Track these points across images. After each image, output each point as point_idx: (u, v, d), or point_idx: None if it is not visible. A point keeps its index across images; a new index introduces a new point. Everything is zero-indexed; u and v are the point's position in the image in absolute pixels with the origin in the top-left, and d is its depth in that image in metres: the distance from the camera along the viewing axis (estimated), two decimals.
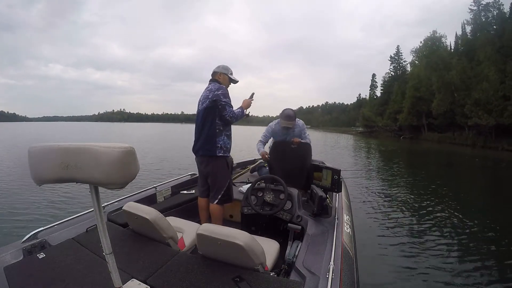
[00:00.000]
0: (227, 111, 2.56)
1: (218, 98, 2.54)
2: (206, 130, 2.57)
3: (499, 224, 4.91)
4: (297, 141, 3.30)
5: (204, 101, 2.60)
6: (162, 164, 10.63)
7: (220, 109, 2.55)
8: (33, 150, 0.92)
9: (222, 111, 2.55)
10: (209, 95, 2.58)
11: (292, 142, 3.31)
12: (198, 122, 2.67)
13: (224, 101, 2.55)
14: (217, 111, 2.56)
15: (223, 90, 2.60)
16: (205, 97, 2.63)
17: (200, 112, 2.65)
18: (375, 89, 61.37)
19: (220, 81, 2.73)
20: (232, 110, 2.61)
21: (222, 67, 2.79)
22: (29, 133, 36.18)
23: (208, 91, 2.64)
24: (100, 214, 0.97)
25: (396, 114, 41.35)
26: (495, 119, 23.41)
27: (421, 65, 35.13)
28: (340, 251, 1.67)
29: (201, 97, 2.71)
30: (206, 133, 2.57)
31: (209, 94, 2.59)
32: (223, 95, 2.57)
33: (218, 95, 2.54)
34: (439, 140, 30.91)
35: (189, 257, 1.65)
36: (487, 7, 30.34)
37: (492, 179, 10.79)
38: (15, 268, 1.46)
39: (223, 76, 2.77)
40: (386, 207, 5.97)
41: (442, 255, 3.72)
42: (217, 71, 2.78)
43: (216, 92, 2.56)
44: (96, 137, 30.16)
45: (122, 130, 55.41)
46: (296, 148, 3.28)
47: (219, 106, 2.54)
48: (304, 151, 3.33)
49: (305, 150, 3.35)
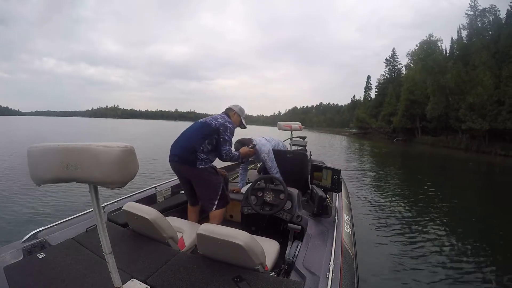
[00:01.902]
0: (226, 148, 2.49)
1: (225, 129, 2.48)
2: (193, 141, 2.43)
3: (497, 227, 5.04)
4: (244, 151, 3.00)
5: (211, 119, 2.54)
6: (162, 164, 10.47)
7: (221, 142, 2.48)
8: (32, 150, 0.92)
9: (222, 144, 2.48)
10: (219, 119, 2.54)
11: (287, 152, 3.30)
12: (191, 130, 2.57)
13: (228, 136, 2.50)
14: (214, 139, 2.47)
15: (232, 126, 2.57)
16: (214, 118, 2.56)
17: (201, 123, 2.56)
18: (370, 91, 61.50)
19: (232, 120, 2.68)
20: (231, 150, 2.55)
21: (239, 109, 2.78)
22: (24, 128, 35.64)
23: (220, 116, 2.60)
24: (99, 214, 0.98)
25: (390, 116, 41.53)
26: (489, 124, 23.63)
27: (416, 68, 35.33)
28: (340, 251, 1.68)
29: (210, 117, 2.64)
30: (192, 145, 2.41)
31: (220, 118, 2.55)
32: (230, 130, 2.52)
33: (226, 127, 2.49)
34: (433, 143, 31.17)
35: (189, 257, 1.65)
36: (484, 12, 30.66)
37: (487, 183, 10.93)
38: (15, 268, 1.45)
39: (236, 116, 2.75)
40: (385, 207, 6.05)
41: (442, 255, 3.80)
42: (234, 109, 2.76)
43: (226, 124, 2.51)
44: (95, 133, 30.04)
45: (119, 126, 55.01)
46: (292, 157, 3.29)
47: (221, 138, 2.47)
48: (300, 160, 3.34)
49: (301, 159, 3.35)
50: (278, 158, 3.24)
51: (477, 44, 27.75)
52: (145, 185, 3.19)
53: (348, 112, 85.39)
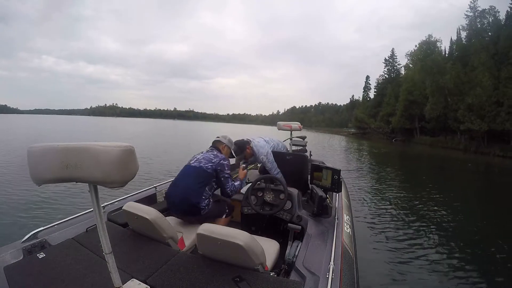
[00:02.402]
0: (229, 185, 2.45)
1: (222, 169, 2.41)
2: (193, 194, 2.26)
3: (496, 228, 5.07)
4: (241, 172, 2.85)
5: (205, 163, 2.40)
6: (162, 163, 10.49)
7: (222, 181, 2.42)
8: (32, 150, 0.92)
9: (224, 183, 2.43)
10: (213, 159, 2.43)
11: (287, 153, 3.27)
12: (187, 177, 2.37)
13: (227, 173, 2.45)
14: (213, 182, 2.40)
15: (228, 162, 2.50)
16: (207, 159, 2.43)
17: (195, 169, 2.38)
18: (369, 91, 61.58)
19: (223, 152, 2.63)
20: (234, 184, 2.51)
21: (228, 140, 2.71)
22: (23, 127, 35.49)
23: (212, 155, 2.47)
24: (99, 214, 0.98)
25: (389, 116, 41.58)
26: (488, 125, 23.67)
27: (415, 68, 35.39)
28: (340, 251, 1.68)
29: (198, 156, 2.50)
30: (191, 194, 2.26)
31: (213, 158, 2.44)
32: (228, 167, 2.46)
33: (223, 165, 2.42)
34: (431, 143, 31.25)
35: (189, 257, 1.65)
36: (483, 13, 30.71)
37: (486, 184, 10.97)
38: (15, 268, 1.45)
39: (227, 149, 2.69)
40: (385, 207, 6.08)
41: (442, 254, 3.82)
42: (224, 142, 2.67)
43: (222, 162, 2.43)
44: (94, 131, 29.93)
45: (118, 125, 54.88)
46: (292, 159, 3.28)
47: (221, 178, 2.41)
48: (300, 162, 3.34)
49: (301, 161, 3.36)
50: (277, 160, 3.25)
51: (476, 45, 27.78)
52: (145, 185, 3.19)
53: (347, 112, 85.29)
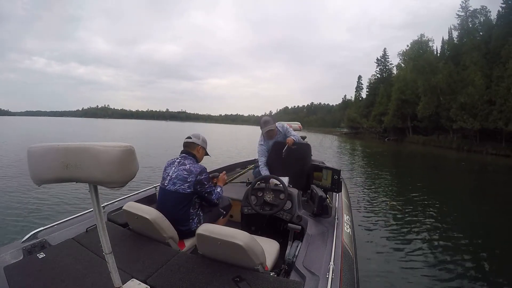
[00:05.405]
0: (214, 195, 2.25)
1: (202, 185, 2.12)
2: (176, 217, 2.05)
3: (496, 228, 5.15)
4: (290, 141, 3.21)
5: (180, 184, 2.07)
6: (162, 163, 10.33)
7: (206, 196, 2.18)
8: (33, 150, 0.92)
9: (208, 197, 2.20)
10: (187, 178, 2.07)
11: (287, 143, 3.21)
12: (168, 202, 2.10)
13: (208, 185, 2.19)
14: (195, 198, 2.15)
15: (205, 173, 2.17)
16: (181, 179, 2.07)
17: (172, 194, 2.08)
18: (361, 90, 62.31)
19: (197, 156, 2.29)
20: (218, 192, 2.32)
21: (202, 140, 2.36)
22: (15, 128, 35.07)
23: (185, 171, 2.09)
24: (99, 214, 0.99)
25: (381, 116, 42.08)
26: (480, 123, 24.10)
27: (407, 68, 35.82)
28: (340, 251, 1.68)
29: (170, 172, 2.15)
30: (177, 221, 2.03)
31: (187, 176, 2.08)
32: (206, 179, 2.16)
33: (201, 181, 2.11)
34: (424, 142, 31.64)
35: (189, 257, 1.65)
36: (475, 13, 31.30)
37: (481, 182, 11.10)
38: (15, 268, 1.45)
39: (202, 150, 2.36)
40: (385, 207, 6.11)
41: (441, 253, 3.86)
42: (197, 143, 2.31)
43: (198, 177, 2.09)
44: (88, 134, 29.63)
45: (110, 126, 54.45)
46: (296, 149, 3.26)
47: (204, 194, 2.16)
48: (304, 151, 3.36)
49: (305, 150, 3.37)
50: (281, 148, 3.23)
51: (468, 44, 28.28)
52: (145, 185, 3.17)
53: (339, 112, 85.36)
